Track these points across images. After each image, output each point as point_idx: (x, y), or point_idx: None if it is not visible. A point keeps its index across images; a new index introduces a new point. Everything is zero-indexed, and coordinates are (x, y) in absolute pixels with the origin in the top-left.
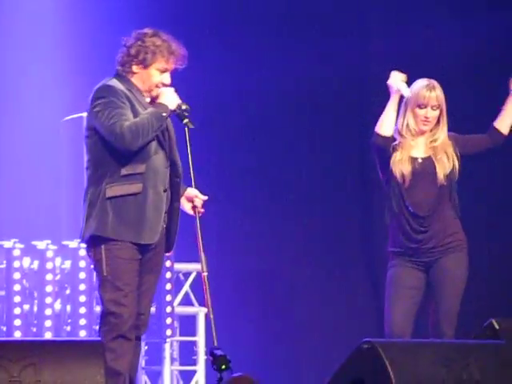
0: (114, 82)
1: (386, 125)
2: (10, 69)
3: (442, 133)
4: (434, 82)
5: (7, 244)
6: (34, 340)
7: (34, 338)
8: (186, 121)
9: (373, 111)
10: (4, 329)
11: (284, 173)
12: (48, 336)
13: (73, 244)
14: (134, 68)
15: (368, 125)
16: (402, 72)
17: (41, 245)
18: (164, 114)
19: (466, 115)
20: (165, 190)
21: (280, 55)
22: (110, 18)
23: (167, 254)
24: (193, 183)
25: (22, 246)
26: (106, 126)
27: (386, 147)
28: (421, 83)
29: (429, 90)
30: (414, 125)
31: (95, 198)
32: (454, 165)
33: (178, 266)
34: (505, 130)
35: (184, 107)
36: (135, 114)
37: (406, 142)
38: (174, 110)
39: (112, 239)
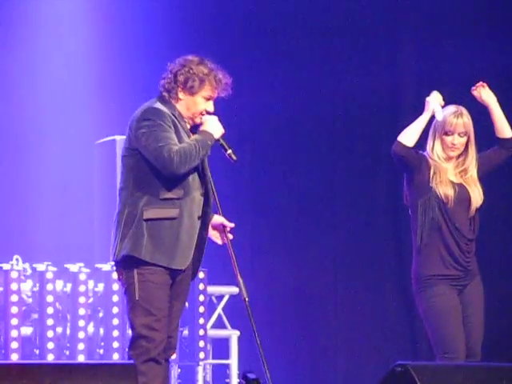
0: (160, 106)
1: (409, 135)
2: (43, 91)
3: (470, 159)
4: (462, 109)
5: (40, 267)
6: (67, 363)
7: (67, 361)
8: (229, 151)
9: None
10: (37, 352)
11: (318, 197)
12: (81, 359)
13: (106, 267)
14: (180, 95)
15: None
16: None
17: (73, 268)
18: (209, 143)
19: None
20: (199, 218)
21: (312, 77)
22: (142, 45)
23: None
24: (219, 210)
25: (54, 268)
26: (153, 148)
27: (405, 157)
28: (449, 110)
29: (456, 117)
30: (442, 151)
31: (131, 218)
32: (481, 196)
33: (211, 289)
34: (508, 134)
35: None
36: (179, 139)
37: (441, 165)
38: (218, 140)
39: (145, 262)
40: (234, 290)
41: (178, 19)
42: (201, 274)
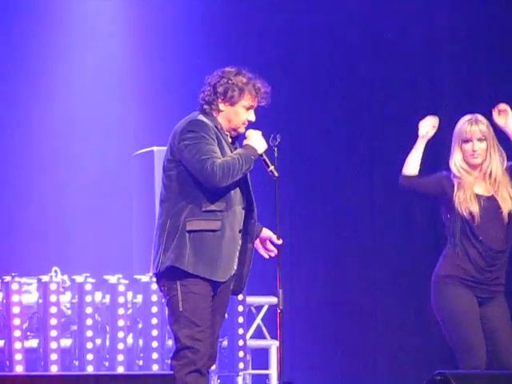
0: (203, 118)
1: (410, 165)
2: (82, 103)
3: (495, 164)
4: (478, 116)
5: (79, 279)
6: (107, 374)
7: (106, 372)
8: (271, 168)
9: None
10: (76, 363)
11: (356, 210)
12: (120, 370)
13: (144, 278)
14: (221, 106)
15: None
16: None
17: (112, 279)
18: (253, 157)
19: None
20: (240, 231)
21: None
22: (182, 56)
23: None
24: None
25: (93, 280)
26: (196, 160)
27: (415, 186)
28: (464, 118)
29: (470, 124)
30: (463, 162)
31: (174, 230)
32: None
33: (250, 300)
34: None
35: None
36: (221, 152)
37: (464, 180)
38: (261, 155)
39: (188, 274)
40: (273, 300)
41: (220, 31)
42: None
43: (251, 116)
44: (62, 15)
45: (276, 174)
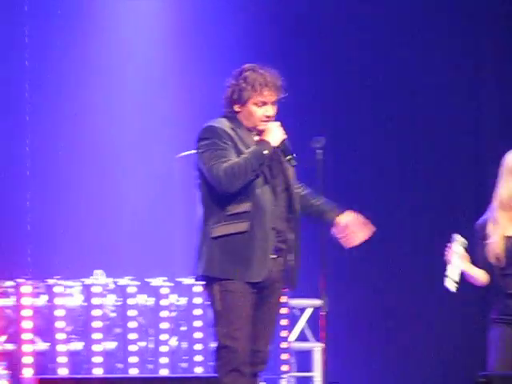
0: (220, 122)
1: (476, 280)
2: (126, 105)
3: None
4: None
5: (122, 281)
6: (151, 377)
7: (150, 374)
8: (288, 157)
9: None
10: (120, 366)
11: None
12: (164, 373)
13: (188, 281)
14: (235, 107)
15: None
16: None
17: (156, 282)
18: (265, 152)
19: None
20: (273, 228)
21: None
22: (225, 57)
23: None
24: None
25: (137, 283)
26: (206, 168)
27: (491, 270)
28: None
29: None
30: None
31: (203, 237)
32: None
33: (294, 302)
34: None
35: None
36: (238, 153)
37: (496, 222)
38: (278, 147)
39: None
40: (317, 302)
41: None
42: None
43: (268, 111)
44: (108, 15)
45: (293, 163)
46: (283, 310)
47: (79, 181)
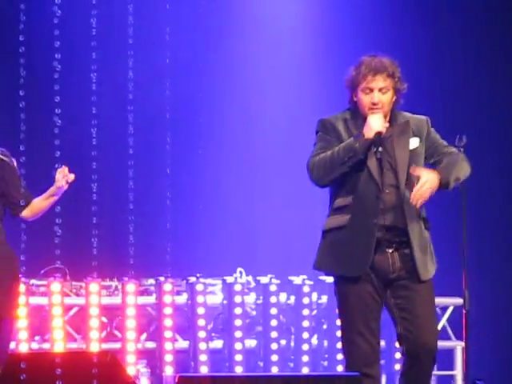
0: (337, 115)
1: None
2: (271, 103)
3: None
4: None
5: (264, 279)
6: (292, 375)
7: (291, 373)
8: (375, 150)
9: None
10: (261, 364)
11: None
12: (305, 371)
13: (329, 279)
14: (354, 97)
15: None
16: None
17: (297, 280)
18: (357, 145)
19: None
20: (376, 223)
21: None
22: (364, 46)
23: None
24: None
25: (278, 281)
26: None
27: None
28: None
29: None
30: None
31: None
32: None
33: (436, 300)
34: None
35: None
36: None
37: None
38: (373, 139)
39: (333, 274)
40: (459, 301)
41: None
42: None
43: (373, 98)
44: (251, 16)
45: (377, 156)
46: None
47: (220, 180)
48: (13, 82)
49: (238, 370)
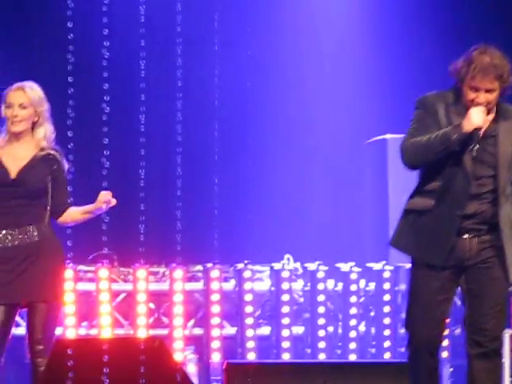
0: (439, 93)
1: None
2: (314, 93)
3: None
4: None
5: (311, 266)
6: (339, 362)
7: (338, 359)
8: (473, 147)
9: None
10: (309, 351)
11: None
12: (352, 358)
13: (377, 266)
14: (459, 84)
15: None
16: None
17: (345, 267)
18: (453, 137)
19: None
20: (460, 213)
21: None
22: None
23: None
24: None
25: (325, 268)
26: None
27: None
28: None
29: None
30: None
31: (404, 209)
32: None
33: None
34: None
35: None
36: (438, 129)
37: None
38: (470, 133)
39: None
40: None
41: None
42: None
43: (479, 97)
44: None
45: (473, 154)
46: None
47: (271, 168)
48: (62, 70)
49: (286, 357)
